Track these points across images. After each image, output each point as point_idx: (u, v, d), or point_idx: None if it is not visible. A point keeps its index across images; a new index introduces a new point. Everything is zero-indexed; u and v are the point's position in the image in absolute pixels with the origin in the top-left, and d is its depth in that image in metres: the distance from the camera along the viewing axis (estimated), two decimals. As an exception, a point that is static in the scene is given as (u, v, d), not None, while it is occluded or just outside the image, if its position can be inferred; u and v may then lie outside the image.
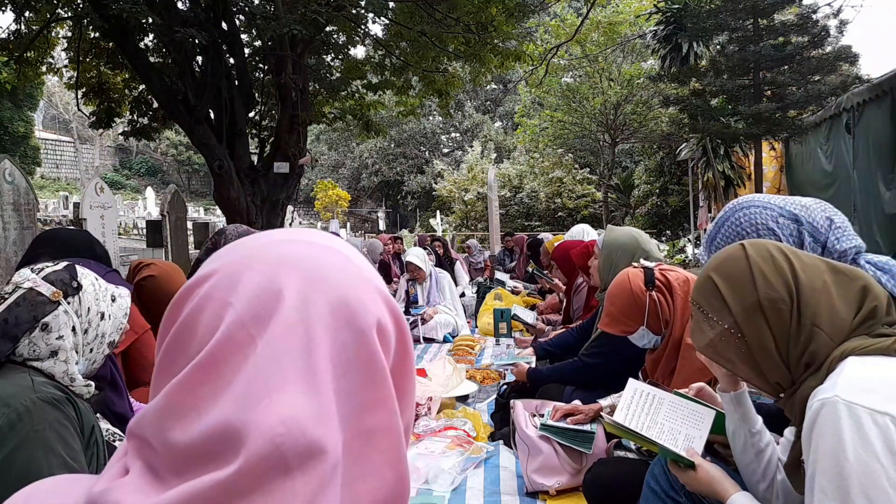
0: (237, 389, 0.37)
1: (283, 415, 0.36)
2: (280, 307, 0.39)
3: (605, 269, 2.61)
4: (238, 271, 0.41)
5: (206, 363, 0.37)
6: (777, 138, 9.10)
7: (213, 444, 0.35)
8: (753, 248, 1.10)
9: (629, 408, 1.50)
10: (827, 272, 1.05)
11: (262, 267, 0.40)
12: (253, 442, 0.35)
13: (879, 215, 6.46)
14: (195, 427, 0.36)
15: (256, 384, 0.37)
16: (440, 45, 7.16)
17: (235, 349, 0.38)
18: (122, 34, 5.66)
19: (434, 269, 5.45)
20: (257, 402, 0.36)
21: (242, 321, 0.38)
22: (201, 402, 0.37)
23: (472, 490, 2.25)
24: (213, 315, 0.39)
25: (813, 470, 0.91)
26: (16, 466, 1.04)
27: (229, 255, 0.43)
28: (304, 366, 0.38)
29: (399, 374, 0.44)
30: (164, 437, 0.37)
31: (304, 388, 0.37)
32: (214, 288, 0.40)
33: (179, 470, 0.36)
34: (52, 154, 30.73)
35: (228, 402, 0.36)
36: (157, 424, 0.38)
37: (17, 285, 1.23)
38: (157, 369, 0.41)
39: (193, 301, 0.41)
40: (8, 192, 5.88)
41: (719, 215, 1.50)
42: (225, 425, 0.36)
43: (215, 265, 0.42)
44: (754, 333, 1.05)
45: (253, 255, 0.42)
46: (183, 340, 0.40)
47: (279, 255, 0.41)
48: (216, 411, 0.36)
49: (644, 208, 16.04)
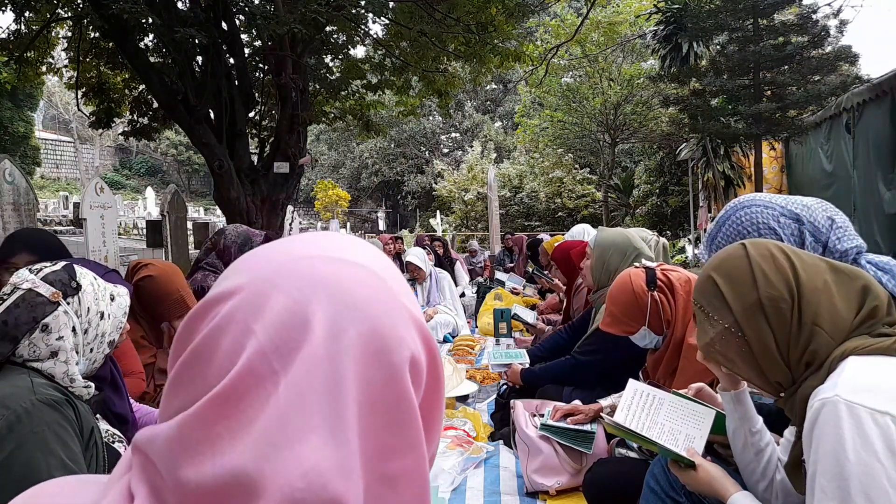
0: (256, 432, 0.34)
1: (305, 467, 0.33)
2: (307, 339, 0.36)
3: (598, 269, 2.62)
4: (264, 292, 0.37)
5: (224, 397, 0.35)
6: (777, 138, 9.10)
7: (227, 491, 0.33)
8: (754, 247, 1.10)
9: (629, 408, 1.50)
10: (828, 272, 1.05)
11: (291, 289, 0.37)
12: (271, 496, 0.33)
13: (879, 215, 6.47)
14: (208, 469, 0.34)
15: (277, 429, 0.34)
16: (440, 45, 7.16)
17: (257, 384, 0.35)
18: (122, 34, 5.66)
19: (434, 270, 5.45)
20: (277, 450, 0.34)
21: (265, 353, 0.35)
22: (217, 441, 0.34)
23: (472, 490, 2.25)
24: (234, 341, 0.36)
25: (814, 470, 0.90)
26: (15, 468, 1.04)
27: (257, 268, 0.39)
28: (330, 410, 0.35)
29: (429, 409, 0.42)
30: (175, 471, 0.35)
31: (329, 436, 0.35)
32: (237, 309, 0.37)
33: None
34: (52, 154, 30.73)
35: (246, 446, 0.34)
36: (168, 455, 0.35)
37: (15, 286, 1.23)
38: (171, 385, 0.39)
39: (214, 320, 0.38)
40: (8, 192, 5.87)
41: (720, 214, 1.50)
42: (241, 473, 0.33)
43: (241, 280, 0.39)
44: (755, 333, 1.05)
45: (282, 273, 0.38)
46: (200, 362, 0.37)
47: (310, 276, 0.38)
48: (233, 455, 0.34)
49: (644, 208, 16.03)
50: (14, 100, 18.11)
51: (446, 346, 4.72)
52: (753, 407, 1.26)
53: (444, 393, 0.44)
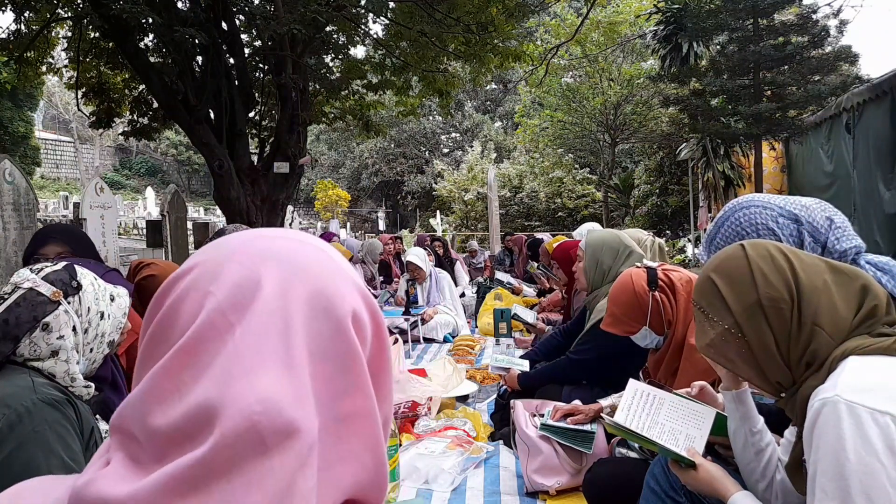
0: (216, 370, 0.37)
1: (261, 394, 0.36)
2: (259, 295, 0.40)
3: (591, 269, 2.62)
4: (220, 263, 0.42)
5: (186, 348, 0.38)
6: (777, 138, 9.10)
7: (191, 424, 0.36)
8: (753, 247, 1.11)
9: (630, 408, 1.50)
10: (827, 272, 1.05)
11: (243, 259, 0.42)
12: (229, 418, 0.35)
13: (879, 215, 6.47)
14: (176, 409, 0.36)
15: (235, 365, 0.37)
16: (440, 45, 7.16)
17: (215, 334, 0.38)
18: (122, 34, 5.66)
19: (434, 270, 5.45)
20: (235, 381, 0.36)
21: (222, 308, 0.39)
22: (182, 385, 0.37)
23: (472, 490, 2.25)
24: (195, 304, 0.40)
25: (814, 470, 0.91)
26: (15, 467, 1.04)
27: (212, 249, 0.44)
28: (282, 350, 0.39)
29: (376, 366, 0.45)
30: (145, 422, 0.37)
31: (282, 371, 0.38)
32: (196, 279, 0.41)
33: (160, 455, 0.36)
34: (52, 154, 30.72)
35: (209, 381, 0.37)
36: (140, 411, 0.38)
37: (16, 285, 1.23)
38: (140, 360, 0.42)
39: (176, 292, 0.42)
40: (8, 192, 5.87)
41: (719, 215, 1.50)
42: (203, 403, 0.36)
43: (198, 258, 0.44)
44: (755, 333, 1.05)
45: (235, 249, 0.43)
46: (164, 329, 0.41)
47: (260, 249, 0.43)
48: (196, 391, 0.37)
49: (644, 208, 16.03)
50: (14, 100, 18.10)
51: (446, 346, 4.72)
52: (755, 407, 1.26)
53: (390, 357, 0.48)
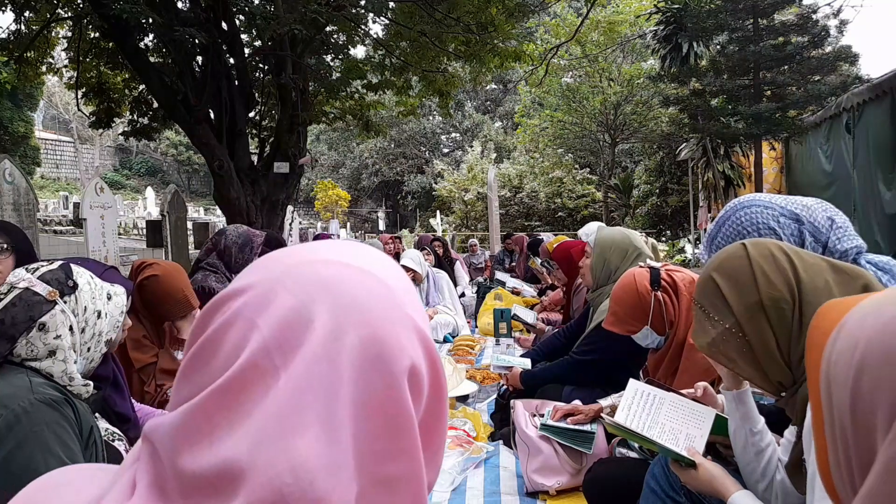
0: (253, 425, 0.35)
1: (294, 462, 0.34)
2: (308, 338, 0.37)
3: (598, 268, 2.62)
4: (271, 290, 0.39)
5: (226, 389, 0.36)
6: (777, 138, 9.10)
7: (217, 479, 0.34)
8: (754, 247, 1.10)
9: (630, 408, 1.49)
10: (828, 271, 1.04)
11: (296, 289, 0.38)
12: (256, 486, 0.33)
13: (879, 215, 6.47)
14: (205, 457, 0.35)
15: (273, 423, 0.35)
16: (440, 45, 7.16)
17: (257, 378, 0.36)
18: (122, 34, 5.66)
19: (431, 270, 5.44)
20: (270, 443, 0.34)
21: (268, 348, 0.36)
22: (216, 430, 0.35)
23: (472, 490, 2.25)
24: (240, 335, 0.37)
25: (814, 469, 0.90)
26: (14, 468, 1.03)
27: (267, 269, 0.41)
28: (325, 409, 0.36)
29: (428, 428, 0.41)
30: (174, 459, 0.36)
31: (322, 433, 0.35)
32: (246, 306, 0.39)
33: (186, 494, 0.35)
34: (52, 154, 30.73)
35: (242, 437, 0.35)
36: (170, 443, 0.36)
37: (12, 285, 1.23)
38: (181, 376, 0.40)
39: (224, 316, 0.39)
40: (8, 192, 5.87)
41: (720, 215, 1.50)
42: (233, 462, 0.34)
43: (252, 279, 0.40)
44: (756, 333, 1.05)
45: (290, 273, 0.39)
46: (206, 355, 0.38)
47: (314, 277, 0.39)
48: (228, 444, 0.35)
49: (644, 208, 16.03)
50: (14, 100, 18.10)
51: (446, 346, 4.71)
52: (755, 407, 1.26)
53: (446, 415, 0.44)
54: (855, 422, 0.43)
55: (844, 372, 0.45)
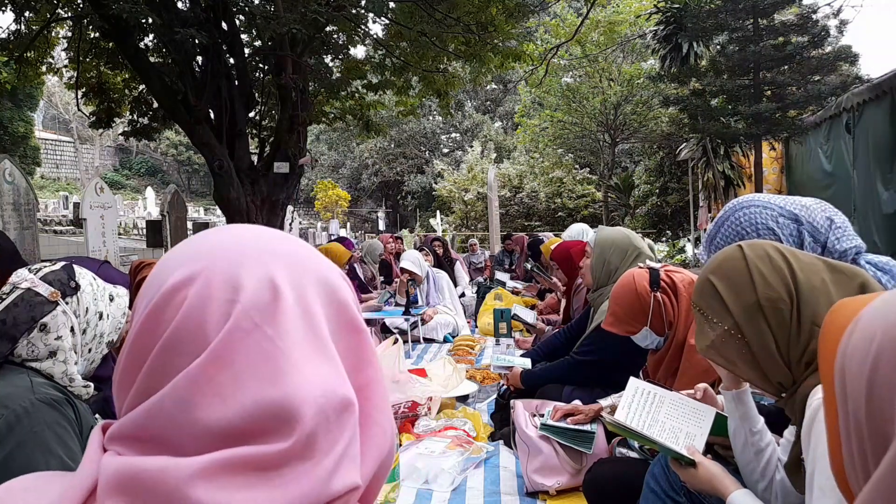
0: (263, 370, 0.40)
1: (318, 383, 0.41)
2: (281, 296, 0.43)
3: (598, 268, 2.62)
4: (229, 271, 0.44)
5: (219, 355, 0.40)
6: (777, 138, 9.10)
7: (261, 420, 0.39)
8: (751, 248, 1.10)
9: (630, 407, 1.50)
10: (825, 271, 1.05)
11: (252, 263, 0.44)
12: (308, 414, 0.40)
13: (878, 215, 6.46)
14: (228, 408, 0.39)
15: (281, 362, 0.41)
16: (440, 45, 7.15)
17: (246, 337, 0.41)
18: (122, 34, 5.66)
19: (431, 270, 5.44)
20: (292, 377, 0.41)
21: (248, 314, 0.42)
22: (222, 388, 0.40)
23: (472, 490, 2.25)
24: (220, 314, 0.42)
25: (812, 469, 0.91)
26: (14, 468, 1.04)
27: (206, 255, 0.45)
28: (316, 342, 0.43)
29: None
30: (183, 424, 0.39)
31: (322, 357, 0.43)
32: (208, 289, 0.42)
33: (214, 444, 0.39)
34: (52, 154, 30.71)
35: (259, 382, 0.40)
36: (176, 417, 0.40)
37: (14, 286, 1.23)
38: (146, 376, 0.42)
39: (185, 304, 0.42)
40: (8, 192, 5.87)
41: (719, 215, 1.50)
42: (269, 402, 0.40)
43: (195, 267, 0.44)
44: (755, 334, 1.05)
45: (241, 253, 0.45)
46: (185, 342, 0.41)
47: (261, 251, 0.45)
48: (247, 392, 0.40)
49: (644, 208, 16.04)
50: (14, 100, 18.09)
51: (446, 347, 4.71)
52: (755, 406, 1.26)
53: None
54: (870, 413, 0.44)
55: (860, 364, 0.45)
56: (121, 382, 0.44)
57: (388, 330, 4.83)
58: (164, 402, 0.40)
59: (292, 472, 0.39)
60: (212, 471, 0.38)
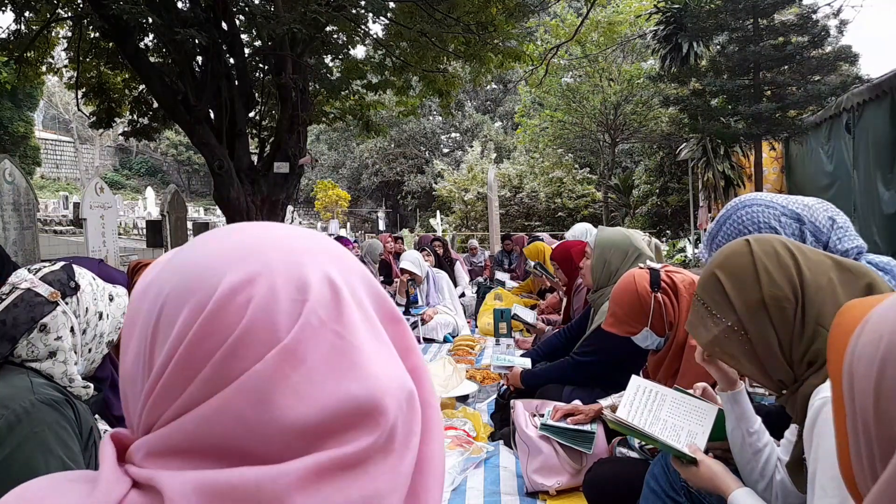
0: (340, 366, 0.41)
1: (394, 376, 0.43)
2: (339, 292, 0.44)
3: (598, 269, 2.62)
4: (292, 269, 0.43)
5: (292, 352, 0.40)
6: (777, 138, 9.10)
7: (345, 416, 0.40)
8: (758, 244, 1.09)
9: (632, 405, 1.50)
10: (833, 269, 1.04)
11: (308, 261, 0.44)
12: (391, 406, 0.41)
13: (878, 215, 6.46)
14: (304, 409, 0.39)
15: (356, 357, 0.42)
16: (440, 45, 7.15)
17: (317, 335, 0.41)
18: (122, 34, 5.65)
19: (431, 270, 5.43)
20: (369, 371, 0.41)
21: (317, 311, 0.42)
22: (299, 387, 0.39)
23: (472, 490, 2.25)
24: (290, 314, 0.41)
25: (814, 468, 0.90)
26: (14, 468, 1.03)
27: (255, 255, 0.43)
28: (375, 332, 0.45)
29: None
30: (268, 422, 0.38)
31: (386, 352, 0.44)
32: (276, 289, 0.42)
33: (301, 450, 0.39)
34: (52, 154, 30.71)
35: (338, 378, 0.40)
36: (248, 420, 0.38)
37: (14, 286, 1.23)
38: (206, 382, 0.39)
39: (253, 305, 0.41)
40: (8, 192, 5.87)
41: (721, 213, 1.49)
42: (352, 398, 0.40)
43: (252, 268, 0.42)
44: (758, 331, 1.04)
45: (293, 251, 0.45)
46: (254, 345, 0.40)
47: (311, 249, 0.46)
48: (327, 389, 0.40)
49: (644, 208, 16.03)
50: (14, 100, 18.10)
51: (446, 347, 4.71)
52: (751, 407, 1.25)
53: None
54: (878, 416, 0.44)
55: (868, 365, 0.45)
56: (159, 395, 0.40)
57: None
58: (229, 407, 0.38)
59: (377, 468, 0.40)
60: (307, 478, 0.38)
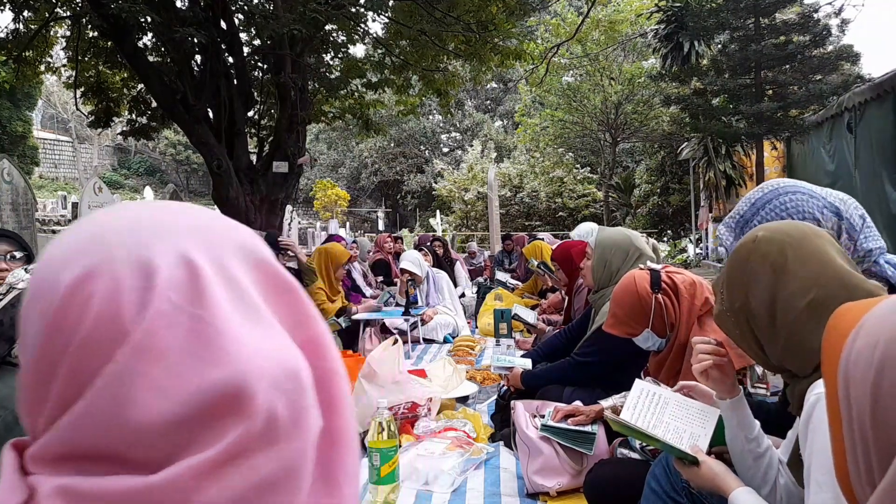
0: (199, 352, 0.37)
1: (265, 353, 0.38)
2: (197, 271, 0.39)
3: (599, 269, 2.61)
4: (136, 256, 0.38)
5: (144, 346, 0.36)
6: (779, 138, 9.09)
7: (210, 408, 0.36)
8: (759, 251, 1.09)
9: (635, 407, 1.50)
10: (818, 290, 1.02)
11: (157, 243, 0.39)
12: (261, 387, 0.37)
13: (882, 215, 6.45)
14: (165, 403, 0.35)
15: (217, 340, 0.37)
16: (440, 43, 7.15)
17: (171, 322, 0.37)
18: (121, 33, 5.64)
19: (431, 270, 5.42)
20: (232, 353, 0.37)
21: (168, 296, 0.37)
22: (157, 381, 0.36)
23: (472, 491, 2.24)
24: (135, 304, 0.37)
25: (809, 463, 0.91)
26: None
27: (97, 245, 0.39)
28: (246, 308, 0.40)
29: None
30: (128, 422, 0.35)
31: (260, 325, 0.40)
32: (118, 280, 0.38)
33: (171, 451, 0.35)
34: (50, 154, 30.70)
35: (198, 365, 0.36)
36: (109, 423, 0.36)
37: (11, 286, 1.22)
38: (65, 384, 0.37)
39: (94, 301, 0.37)
40: (6, 192, 5.86)
41: (755, 196, 1.43)
42: (215, 384, 0.36)
43: (90, 260, 0.38)
44: (742, 328, 1.11)
45: (142, 235, 0.40)
46: (101, 342, 0.37)
47: (166, 229, 0.41)
48: (186, 378, 0.36)
49: (645, 208, 16.03)
50: (12, 99, 18.09)
51: (446, 347, 4.70)
52: (750, 413, 1.26)
53: None
54: (875, 420, 0.43)
55: (864, 370, 0.44)
56: (31, 398, 0.39)
57: (388, 330, 4.82)
58: (91, 411, 0.36)
59: (259, 458, 0.37)
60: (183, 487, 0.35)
